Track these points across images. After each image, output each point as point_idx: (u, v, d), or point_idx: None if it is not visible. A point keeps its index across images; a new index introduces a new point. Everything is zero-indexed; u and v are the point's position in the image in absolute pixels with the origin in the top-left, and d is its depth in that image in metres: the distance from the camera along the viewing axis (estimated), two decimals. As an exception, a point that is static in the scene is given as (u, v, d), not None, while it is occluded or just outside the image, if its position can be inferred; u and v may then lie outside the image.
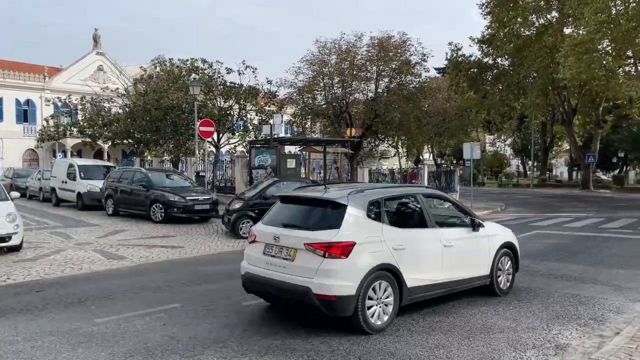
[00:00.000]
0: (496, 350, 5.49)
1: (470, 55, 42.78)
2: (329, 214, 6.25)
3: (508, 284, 7.96)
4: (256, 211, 13.53)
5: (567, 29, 37.03)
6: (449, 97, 42.76)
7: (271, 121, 23.09)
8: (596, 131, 45.83)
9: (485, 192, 43.26)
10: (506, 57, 40.19)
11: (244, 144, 26.90)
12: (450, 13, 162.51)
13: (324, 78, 29.70)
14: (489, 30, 40.19)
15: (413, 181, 26.57)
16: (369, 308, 5.95)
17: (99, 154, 40.95)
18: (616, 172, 61.94)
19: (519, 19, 36.47)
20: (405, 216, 7.12)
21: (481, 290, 7.66)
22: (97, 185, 19.60)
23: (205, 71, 26.22)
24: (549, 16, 37.57)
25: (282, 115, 24.75)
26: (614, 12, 29.77)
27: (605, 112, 47.19)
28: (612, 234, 15.32)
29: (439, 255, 6.80)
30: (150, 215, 16.48)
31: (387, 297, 6.14)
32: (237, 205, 14.17)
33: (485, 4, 39.67)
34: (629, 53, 33.07)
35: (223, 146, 27.24)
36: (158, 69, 27.41)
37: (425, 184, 25.75)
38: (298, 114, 31.59)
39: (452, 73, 42.11)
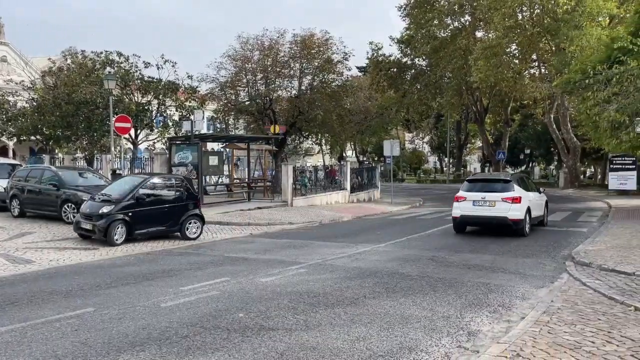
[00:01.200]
0: (414, 340, 5.69)
1: (390, 55, 44.08)
2: (505, 185, 13.88)
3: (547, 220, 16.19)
4: (130, 214, 12.35)
5: (479, 32, 39.13)
6: (370, 95, 43.76)
7: (192, 117, 22.51)
8: (505, 129, 48.76)
9: (404, 187, 44.76)
10: (424, 57, 41.80)
11: (164, 140, 26.04)
12: (371, 13, 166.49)
13: (247, 74, 29.39)
14: (408, 31, 41.60)
15: (335, 177, 26.94)
16: (527, 224, 13.75)
17: (3, 152, 38.02)
18: (523, 167, 66.31)
19: (435, 21, 38.01)
20: (527, 186, 14.79)
21: (401, 282, 7.91)
22: (0, 185, 18.19)
23: (122, 65, 25.07)
24: (462, 20, 39.46)
25: (203, 112, 24.17)
26: (520, 17, 31.80)
27: (513, 111, 50.35)
28: (519, 225, 16.35)
29: (537, 204, 14.98)
30: (61, 216, 15.53)
31: (530, 221, 14.04)
32: (106, 208, 12.29)
33: (404, 6, 41.00)
34: (534, 56, 35.51)
35: (141, 143, 26.20)
36: (69, 61, 25.84)
37: (348, 180, 26.21)
38: (221, 110, 31.07)
39: (373, 72, 43.20)
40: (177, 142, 20.65)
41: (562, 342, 5.39)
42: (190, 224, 13.57)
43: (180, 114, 25.39)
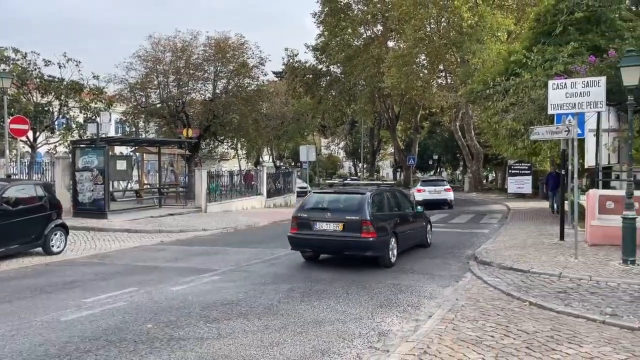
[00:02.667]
0: (327, 342, 5.74)
1: (306, 62, 44.62)
2: (443, 182, 26.20)
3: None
4: None
5: (391, 42, 40.61)
6: (286, 101, 43.96)
7: (98, 119, 21.32)
8: (415, 136, 50.91)
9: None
10: (338, 65, 42.71)
11: (67, 143, 24.45)
12: (287, 20, 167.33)
13: (158, 76, 28.40)
14: (322, 38, 42.31)
15: (251, 183, 26.71)
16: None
17: None
18: (432, 172, 69.53)
19: (349, 30, 39.01)
20: None
21: (316, 286, 7.98)
22: None
23: (18, 62, 23.24)
24: (375, 29, 40.77)
25: (110, 114, 22.98)
26: (428, 29, 33.39)
27: (422, 119, 52.70)
28: (428, 227, 17.09)
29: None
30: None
31: None
32: None
33: (318, 14, 41.67)
34: (441, 67, 37.40)
35: (41, 146, 24.41)
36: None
37: (264, 185, 26.08)
38: (130, 113, 29.73)
39: (289, 78, 43.52)
40: (82, 145, 19.46)
41: (465, 337, 5.68)
42: (55, 235, 11.79)
43: (85, 115, 23.95)
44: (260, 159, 54.23)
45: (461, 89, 25.95)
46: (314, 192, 11.77)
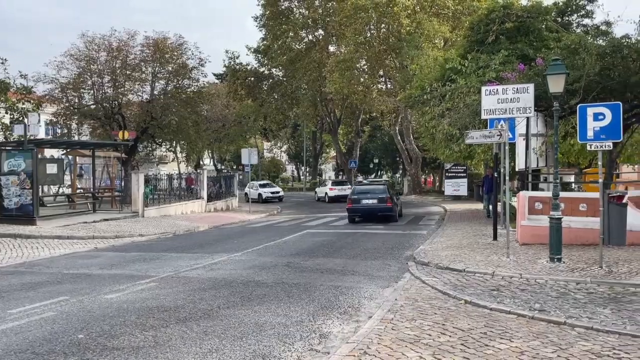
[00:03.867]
0: (268, 347, 5.69)
1: (248, 64, 44.26)
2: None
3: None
4: None
5: (332, 46, 40.99)
6: (228, 103, 43.42)
7: (26, 120, 20.17)
8: (356, 140, 51.58)
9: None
10: (280, 68, 42.63)
11: (-9, 146, 22.98)
12: (227, 21, 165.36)
13: (92, 76, 27.32)
14: (264, 41, 42.12)
15: (191, 186, 26.17)
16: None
17: None
18: (373, 175, 70.70)
19: (290, 34, 39.03)
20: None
21: (257, 290, 7.88)
22: None
23: None
24: (316, 33, 41.01)
25: (39, 114, 21.81)
26: (369, 35, 33.97)
27: (363, 123, 53.49)
28: (368, 229, 17.38)
29: None
30: None
31: None
32: None
33: (260, 17, 41.47)
34: (381, 72, 38.13)
35: (-38, 148, 22.82)
36: None
37: (205, 188, 25.61)
38: (61, 114, 28.39)
39: (231, 80, 43.03)
40: (7, 147, 18.40)
41: (403, 337, 5.79)
42: None
43: (12, 116, 22.63)
44: (201, 162, 53.28)
45: (400, 94, 26.55)
46: (356, 186, 22.39)
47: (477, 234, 14.53)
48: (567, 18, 19.21)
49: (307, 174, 65.85)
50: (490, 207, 18.78)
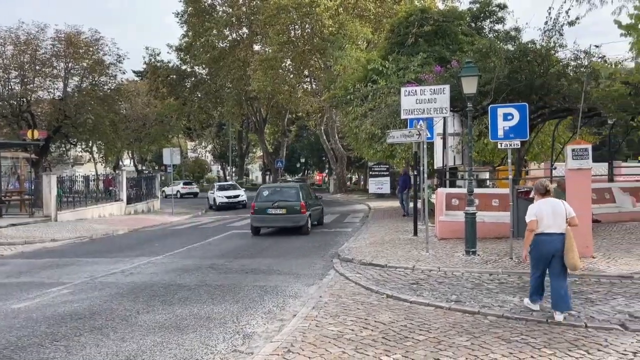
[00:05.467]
0: (189, 350, 5.55)
1: (169, 62, 42.99)
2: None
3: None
4: None
5: (256, 45, 40.69)
6: (149, 101, 41.95)
7: None
8: (283, 139, 51.61)
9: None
10: (203, 66, 41.73)
11: None
12: (148, 17, 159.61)
13: (-4, 71, 25.40)
14: (186, 39, 41.06)
15: (110, 188, 25.02)
16: None
17: None
18: (300, 174, 71.04)
19: (214, 31, 38.27)
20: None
21: (179, 294, 7.66)
22: None
23: None
24: (240, 32, 40.53)
25: None
26: (293, 35, 34.05)
27: (290, 122, 53.59)
28: (294, 229, 17.39)
29: None
30: None
31: None
32: None
33: (181, 13, 40.39)
34: (306, 72, 38.35)
35: None
36: None
37: (124, 190, 24.58)
38: (-39, 111, 26.17)
39: (151, 78, 41.58)
40: None
41: (327, 333, 5.85)
42: None
43: None
44: (120, 163, 51.10)
45: (325, 94, 26.85)
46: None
47: (399, 230, 14.97)
48: (480, 23, 20.28)
49: (234, 174, 64.97)
50: (405, 205, 19.39)
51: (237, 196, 29.84)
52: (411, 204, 18.00)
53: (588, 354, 4.93)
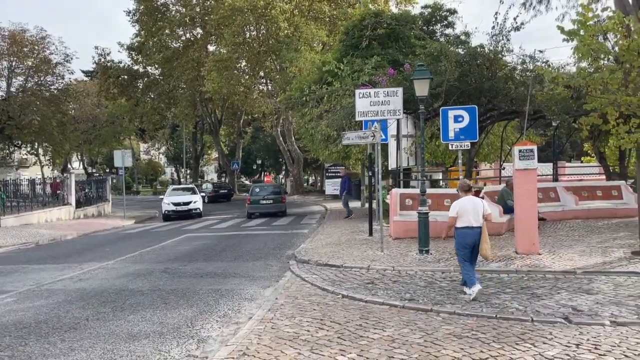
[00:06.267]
0: (141, 357, 5.43)
1: (120, 62, 41.90)
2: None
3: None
4: None
5: (211, 46, 40.19)
6: (99, 102, 40.75)
7: None
8: (239, 141, 51.15)
9: (140, 200, 42.89)
10: (156, 66, 40.89)
11: None
12: (98, 15, 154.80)
13: None
14: (138, 38, 40.12)
15: (57, 192, 24.13)
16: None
17: None
18: (256, 176, 70.58)
19: (166, 31, 37.56)
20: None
21: (130, 299, 7.47)
22: None
23: None
24: (194, 32, 39.93)
25: None
26: (248, 36, 33.83)
27: (245, 124, 53.18)
28: (251, 231, 17.32)
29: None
30: None
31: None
32: None
33: (133, 12, 39.44)
34: (262, 73, 38.17)
35: None
36: None
37: (73, 194, 23.75)
38: None
39: (102, 78, 40.41)
40: None
41: (283, 335, 5.85)
42: None
43: None
44: (69, 166, 49.37)
45: (280, 96, 26.81)
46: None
47: (355, 231, 15.11)
48: (432, 27, 20.71)
49: (188, 176, 63.85)
50: (347, 207, 19.53)
51: (188, 203, 24.19)
52: (351, 205, 18.33)
53: (534, 347, 5.13)
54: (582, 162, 31.60)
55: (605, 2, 21.12)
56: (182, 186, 30.88)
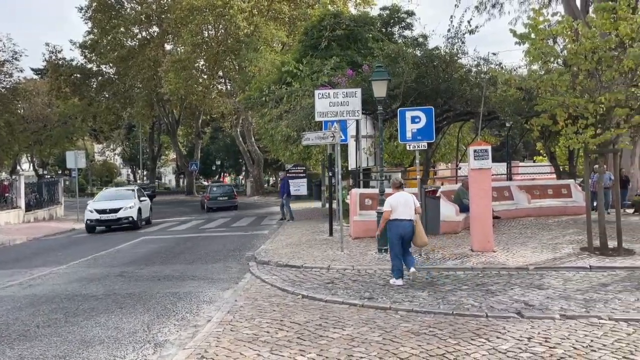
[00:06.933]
0: (95, 364, 5.27)
1: (73, 60, 40.65)
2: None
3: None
4: None
5: (168, 45, 39.48)
6: (50, 101, 39.37)
7: None
8: (197, 141, 50.44)
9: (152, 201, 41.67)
10: (111, 65, 39.87)
11: None
12: (48, 11, 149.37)
13: None
14: (91, 35, 39.02)
15: (5, 194, 23.15)
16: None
17: None
18: (216, 177, 69.74)
19: (121, 29, 36.66)
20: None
21: (84, 304, 7.24)
22: None
23: None
24: (151, 30, 39.13)
25: None
26: (207, 35, 33.42)
27: (204, 124, 52.48)
28: (210, 233, 17.09)
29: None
30: None
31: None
32: None
33: (86, 9, 38.31)
34: (221, 73, 37.78)
35: None
36: None
37: (22, 196, 22.84)
38: None
39: (52, 76, 39.06)
40: None
41: (242, 336, 5.79)
42: None
43: None
44: (18, 167, 47.48)
45: (239, 96, 26.59)
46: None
47: (316, 231, 15.14)
48: (390, 29, 20.99)
49: (145, 178, 62.47)
50: (287, 210, 19.33)
51: (117, 210, 18.94)
52: (312, 205, 18.27)
53: (488, 342, 5.27)
54: (534, 161, 32.71)
55: (555, 7, 21.95)
56: (120, 188, 26.65)
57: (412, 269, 8.00)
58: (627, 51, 8.61)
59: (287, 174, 22.57)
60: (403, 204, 7.92)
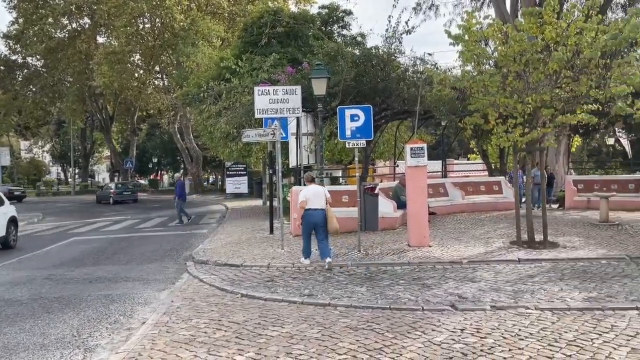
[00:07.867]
0: (19, 373, 4.96)
1: (-5, 50, 38.18)
2: None
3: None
4: None
5: (101, 37, 37.92)
6: (-31, 95, 36.83)
7: None
8: (133, 138, 48.76)
9: (22, 202, 39.28)
10: (38, 57, 37.84)
11: None
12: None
13: None
14: (16, 26, 36.83)
15: None
16: None
17: None
18: (152, 175, 67.71)
19: (49, 20, 34.82)
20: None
21: (7, 310, 6.81)
22: None
23: None
24: (81, 22, 37.43)
25: None
26: (142, 27, 32.34)
27: (140, 120, 50.81)
28: (145, 232, 16.56)
29: None
30: None
31: None
32: None
33: (10, -4, 36.14)
34: (157, 68, 36.69)
35: None
36: None
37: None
38: None
39: (-28, 68, 36.57)
40: None
41: (179, 338, 5.64)
42: None
43: None
44: None
45: (177, 91, 25.94)
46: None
47: (256, 229, 15.01)
48: (330, 27, 21.16)
49: (77, 176, 59.70)
50: (184, 215, 19.01)
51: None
52: (253, 203, 18.15)
53: (424, 335, 5.40)
54: (468, 159, 33.99)
55: (487, 11, 22.86)
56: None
57: (328, 259, 8.72)
58: (552, 54, 9.09)
59: (227, 171, 22.12)
60: (314, 195, 8.91)
